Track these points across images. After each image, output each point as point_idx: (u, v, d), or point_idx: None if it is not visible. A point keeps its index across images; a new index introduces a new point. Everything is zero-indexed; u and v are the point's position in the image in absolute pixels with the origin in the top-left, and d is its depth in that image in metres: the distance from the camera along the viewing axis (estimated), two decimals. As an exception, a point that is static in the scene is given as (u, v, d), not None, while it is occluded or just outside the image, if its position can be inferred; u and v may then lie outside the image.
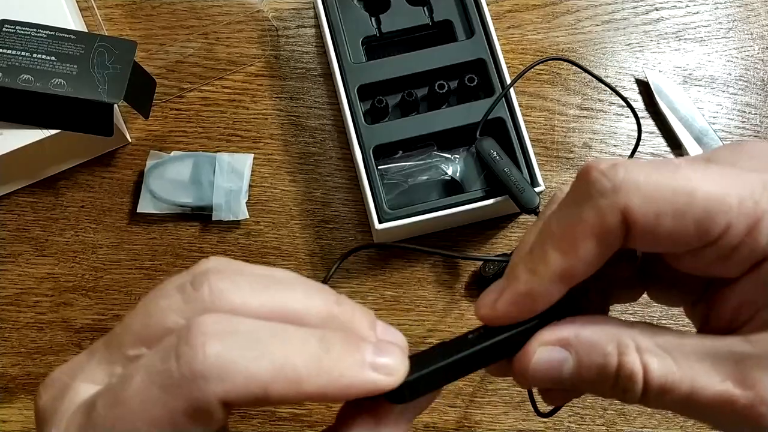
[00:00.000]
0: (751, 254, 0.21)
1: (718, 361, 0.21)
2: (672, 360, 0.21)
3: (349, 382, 0.20)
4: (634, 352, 0.21)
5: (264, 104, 0.57)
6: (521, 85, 0.57)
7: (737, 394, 0.20)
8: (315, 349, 0.20)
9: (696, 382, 0.21)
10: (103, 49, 0.50)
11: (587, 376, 0.22)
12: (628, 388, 0.21)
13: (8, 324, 0.52)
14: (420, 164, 0.52)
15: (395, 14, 0.55)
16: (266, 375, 0.19)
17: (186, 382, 0.19)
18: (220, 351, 0.19)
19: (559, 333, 0.23)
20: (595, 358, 0.22)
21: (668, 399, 0.21)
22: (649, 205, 0.21)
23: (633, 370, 0.21)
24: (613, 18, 0.60)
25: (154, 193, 0.53)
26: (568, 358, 0.22)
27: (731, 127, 0.58)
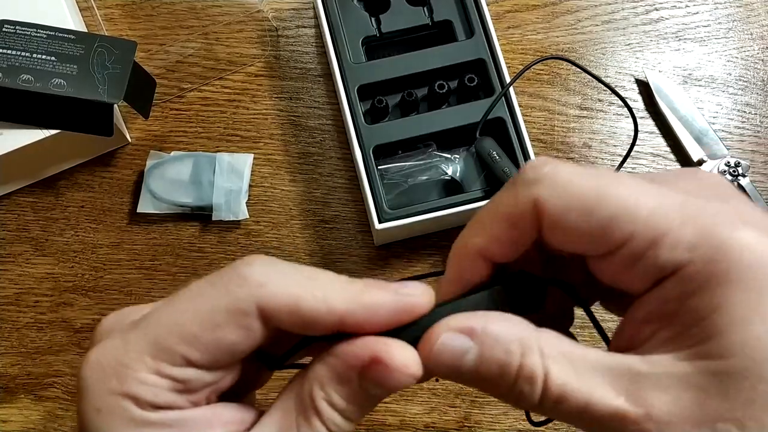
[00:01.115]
0: (652, 269, 0.21)
1: (615, 378, 0.21)
2: (573, 370, 0.21)
3: (374, 301, 0.22)
4: (538, 355, 0.21)
5: (264, 104, 0.57)
6: (521, 85, 0.57)
7: (629, 410, 0.20)
8: (343, 281, 0.23)
9: (592, 395, 0.21)
10: (103, 49, 0.50)
11: (487, 371, 0.22)
12: (526, 391, 0.21)
13: (8, 324, 0.52)
14: (420, 164, 0.52)
15: (395, 14, 0.55)
16: (298, 289, 0.22)
17: (231, 282, 0.22)
18: (262, 267, 0.22)
19: (467, 321, 0.23)
20: (498, 354, 0.22)
21: (563, 408, 0.21)
22: (560, 199, 0.22)
23: (534, 372, 0.21)
24: (613, 18, 0.60)
25: (154, 193, 0.53)
26: (471, 348, 0.22)
27: (731, 127, 0.58)
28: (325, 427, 0.23)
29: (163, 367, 0.22)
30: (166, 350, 0.22)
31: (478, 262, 0.24)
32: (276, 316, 0.22)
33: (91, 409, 0.22)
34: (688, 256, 0.21)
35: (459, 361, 0.22)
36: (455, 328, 0.23)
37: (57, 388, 0.51)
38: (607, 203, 0.22)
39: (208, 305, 0.22)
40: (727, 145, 0.56)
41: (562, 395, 0.21)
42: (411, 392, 0.51)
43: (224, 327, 0.22)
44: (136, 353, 0.22)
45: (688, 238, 0.21)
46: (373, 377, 0.22)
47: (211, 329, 0.22)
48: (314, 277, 0.23)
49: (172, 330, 0.22)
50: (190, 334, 0.22)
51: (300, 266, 0.23)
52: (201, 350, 0.22)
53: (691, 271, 0.21)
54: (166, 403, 0.22)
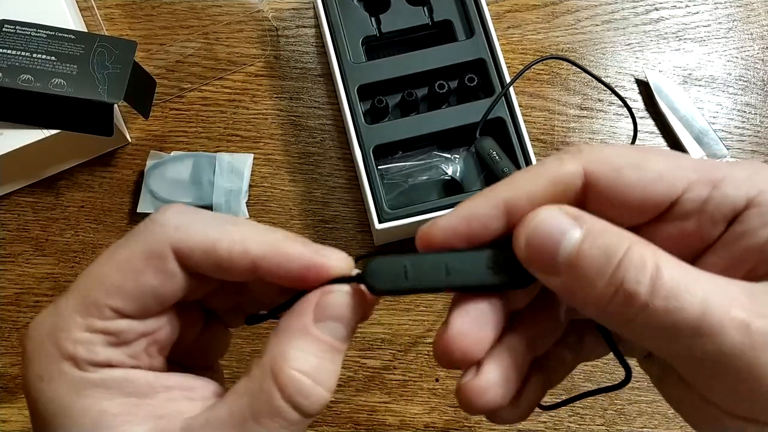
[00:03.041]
0: (724, 207, 0.21)
1: (732, 290, 0.19)
2: (687, 272, 0.19)
3: (291, 252, 0.23)
4: (649, 248, 0.20)
5: (264, 104, 0.57)
6: (521, 85, 0.57)
7: (754, 320, 0.18)
8: (262, 227, 0.23)
9: (711, 299, 0.19)
10: (103, 49, 0.50)
11: (589, 254, 0.20)
12: (631, 280, 0.19)
13: (8, 324, 0.52)
14: (420, 164, 0.52)
15: (395, 14, 0.55)
16: (215, 235, 0.23)
17: (146, 229, 0.23)
18: (177, 213, 0.23)
19: (574, 210, 0.21)
20: (606, 238, 0.20)
21: (676, 312, 0.18)
22: (609, 162, 0.22)
23: (643, 259, 0.19)
24: (613, 18, 0.60)
25: (154, 193, 0.53)
26: (575, 229, 0.20)
27: (731, 127, 0.58)
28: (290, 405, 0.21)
29: (93, 323, 0.22)
30: (94, 305, 0.22)
31: (495, 208, 0.23)
32: (192, 257, 0.22)
33: (35, 378, 0.22)
34: (756, 187, 0.21)
35: (557, 242, 0.20)
36: (561, 208, 0.21)
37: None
38: (656, 159, 0.22)
39: (126, 254, 0.22)
40: (727, 145, 0.56)
41: (677, 291, 0.19)
42: (411, 392, 0.51)
43: (144, 272, 0.22)
44: (68, 314, 0.22)
45: (746, 176, 0.21)
46: (327, 312, 0.22)
47: (132, 276, 0.22)
48: (235, 223, 0.23)
49: (96, 284, 0.22)
50: (113, 285, 0.22)
51: (224, 215, 0.24)
52: (126, 298, 0.22)
53: (766, 199, 0.21)
54: (104, 360, 0.22)
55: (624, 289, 0.19)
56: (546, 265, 0.21)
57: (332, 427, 0.50)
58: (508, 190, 0.23)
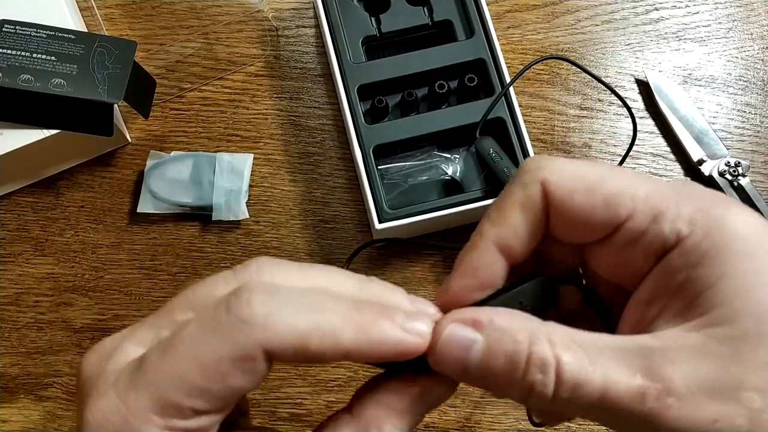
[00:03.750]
0: (655, 242, 0.22)
1: (629, 357, 0.21)
2: (585, 355, 0.21)
3: (381, 338, 0.22)
4: (547, 343, 0.21)
5: (264, 104, 0.57)
6: (521, 85, 0.57)
7: (648, 386, 0.20)
8: (350, 309, 0.22)
9: (609, 378, 0.20)
10: (103, 49, 0.50)
11: (495, 364, 0.21)
12: (538, 381, 0.21)
13: (8, 324, 0.52)
14: (420, 164, 0.52)
15: (395, 14, 0.55)
16: (305, 327, 0.21)
17: (233, 328, 0.21)
18: (264, 304, 0.21)
19: (473, 314, 0.22)
20: (506, 344, 0.21)
21: (581, 396, 0.20)
22: (565, 180, 0.23)
23: (545, 359, 0.21)
24: (612, 18, 0.60)
25: (154, 193, 0.53)
26: (477, 339, 0.22)
27: (731, 127, 0.58)
28: None
29: (173, 422, 0.21)
30: (174, 406, 0.21)
31: (494, 255, 0.24)
32: (283, 355, 0.21)
33: None
34: (689, 228, 0.21)
35: (466, 355, 0.22)
36: (460, 319, 0.22)
37: (57, 388, 0.51)
38: (608, 183, 0.23)
39: (212, 356, 0.21)
40: (727, 145, 0.56)
41: (578, 381, 0.20)
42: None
43: (231, 376, 0.21)
44: (142, 413, 0.21)
45: (688, 213, 0.22)
46: (427, 401, 0.23)
47: (218, 380, 0.21)
48: (321, 307, 0.22)
49: (176, 385, 0.21)
50: (197, 388, 0.21)
51: (304, 289, 0.22)
52: (210, 401, 0.21)
53: (693, 242, 0.21)
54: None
55: (535, 390, 0.21)
56: (463, 377, 0.23)
57: None
58: (493, 232, 0.24)
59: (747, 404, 0.19)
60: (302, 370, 0.51)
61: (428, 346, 0.23)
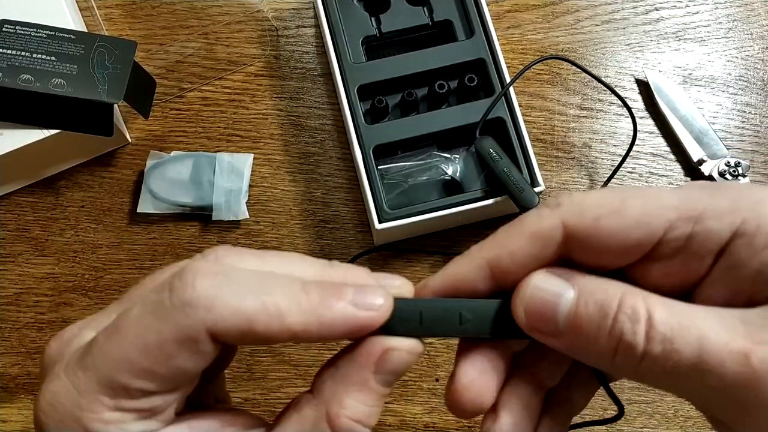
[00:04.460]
0: (709, 242, 0.21)
1: (728, 321, 0.20)
2: (679, 312, 0.20)
3: (330, 317, 0.22)
4: (640, 296, 0.21)
5: (264, 104, 0.57)
6: (521, 85, 0.57)
7: (752, 348, 0.19)
8: (298, 290, 0.22)
9: (707, 336, 0.19)
10: (103, 49, 0.50)
11: (585, 313, 0.21)
12: (627, 332, 0.20)
13: (8, 324, 0.52)
14: (420, 164, 0.52)
15: (395, 14, 0.55)
16: (250, 309, 0.21)
17: (176, 311, 0.21)
18: (208, 285, 0.21)
19: (563, 270, 0.22)
20: (597, 294, 0.21)
21: (674, 355, 0.19)
22: (588, 210, 0.22)
23: (635, 308, 0.20)
24: (612, 18, 0.60)
25: (154, 193, 0.53)
26: (568, 290, 0.22)
27: (731, 127, 0.58)
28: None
29: (122, 403, 0.21)
30: (121, 387, 0.21)
31: (480, 269, 0.24)
32: (227, 336, 0.21)
33: None
34: (738, 217, 0.21)
35: (554, 306, 0.22)
36: (551, 271, 0.22)
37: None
38: (633, 203, 0.22)
39: (156, 338, 0.21)
40: (727, 145, 0.56)
41: (671, 335, 0.19)
42: (411, 392, 0.51)
43: (176, 356, 0.21)
44: (91, 394, 0.21)
45: (727, 205, 0.21)
46: (387, 368, 0.23)
47: (163, 361, 0.21)
48: (267, 289, 0.22)
49: (122, 367, 0.21)
50: (142, 370, 0.21)
51: (251, 271, 0.22)
52: (157, 381, 0.21)
53: (751, 228, 0.21)
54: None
55: (624, 341, 0.20)
56: (548, 331, 0.22)
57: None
58: (490, 250, 0.24)
59: None
60: (302, 370, 0.51)
61: (513, 299, 0.23)
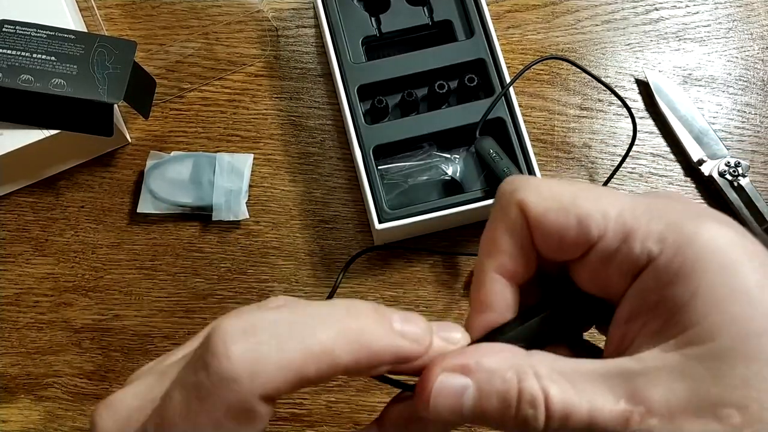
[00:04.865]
0: (627, 263, 0.22)
1: (612, 382, 0.21)
2: (570, 385, 0.21)
3: (379, 347, 0.21)
4: (533, 378, 0.21)
5: (264, 104, 0.57)
6: (521, 85, 0.57)
7: (631, 410, 0.20)
8: (341, 319, 0.21)
9: (594, 404, 0.21)
10: (103, 49, 0.50)
11: (488, 405, 0.22)
12: (530, 416, 0.21)
13: (8, 324, 0.52)
14: (420, 164, 0.52)
15: (395, 14, 0.55)
16: (297, 358, 0.20)
17: (220, 390, 0.19)
18: (244, 350, 0.19)
19: (460, 359, 0.23)
20: (496, 385, 0.22)
21: (570, 426, 0.21)
22: (540, 199, 0.23)
23: (533, 395, 0.21)
24: (612, 18, 0.60)
25: (154, 193, 0.53)
26: (468, 385, 0.22)
27: (731, 127, 0.58)
28: None
29: None
30: None
31: (499, 284, 0.25)
32: (281, 393, 0.20)
33: None
34: (660, 246, 0.22)
35: (460, 402, 0.22)
36: (449, 367, 0.23)
37: (57, 388, 0.51)
38: (581, 202, 0.23)
39: (210, 421, 0.20)
40: (727, 145, 0.56)
41: (566, 412, 0.21)
42: (411, 392, 0.51)
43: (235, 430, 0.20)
44: None
45: (658, 231, 0.22)
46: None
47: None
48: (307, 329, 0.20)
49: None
50: None
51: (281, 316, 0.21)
52: None
53: (664, 261, 0.21)
54: None
55: (529, 426, 0.21)
56: (458, 418, 0.23)
57: (332, 427, 0.50)
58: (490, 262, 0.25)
59: (727, 421, 0.20)
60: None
61: (420, 398, 0.23)
